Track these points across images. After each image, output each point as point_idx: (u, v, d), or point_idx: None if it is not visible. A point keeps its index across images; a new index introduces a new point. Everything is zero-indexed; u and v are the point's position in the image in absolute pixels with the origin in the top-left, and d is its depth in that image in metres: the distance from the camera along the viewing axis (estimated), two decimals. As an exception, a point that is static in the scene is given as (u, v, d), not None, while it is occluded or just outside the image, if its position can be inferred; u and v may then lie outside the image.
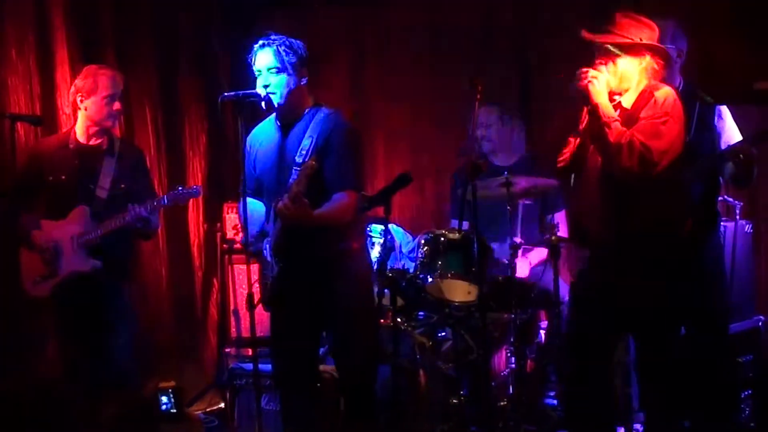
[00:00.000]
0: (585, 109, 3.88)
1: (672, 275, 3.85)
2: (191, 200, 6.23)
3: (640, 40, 3.79)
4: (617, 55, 3.79)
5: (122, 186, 4.73)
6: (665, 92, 3.79)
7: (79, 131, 4.78)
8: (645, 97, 3.81)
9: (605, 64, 3.82)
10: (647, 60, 3.81)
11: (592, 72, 3.79)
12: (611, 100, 3.83)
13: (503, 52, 6.34)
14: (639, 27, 3.81)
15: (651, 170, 3.71)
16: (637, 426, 4.66)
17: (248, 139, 4.18)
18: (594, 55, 3.85)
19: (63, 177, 4.71)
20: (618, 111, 3.83)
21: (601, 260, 4.01)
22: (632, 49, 3.80)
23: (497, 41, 6.34)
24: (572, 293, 4.26)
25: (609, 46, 3.79)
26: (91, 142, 4.77)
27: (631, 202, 3.81)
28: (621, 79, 3.84)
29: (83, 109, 4.73)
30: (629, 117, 3.80)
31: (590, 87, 3.78)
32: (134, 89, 6.00)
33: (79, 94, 4.72)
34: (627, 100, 3.87)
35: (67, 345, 4.81)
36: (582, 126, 3.94)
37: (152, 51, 6.16)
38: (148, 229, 4.74)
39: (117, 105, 4.73)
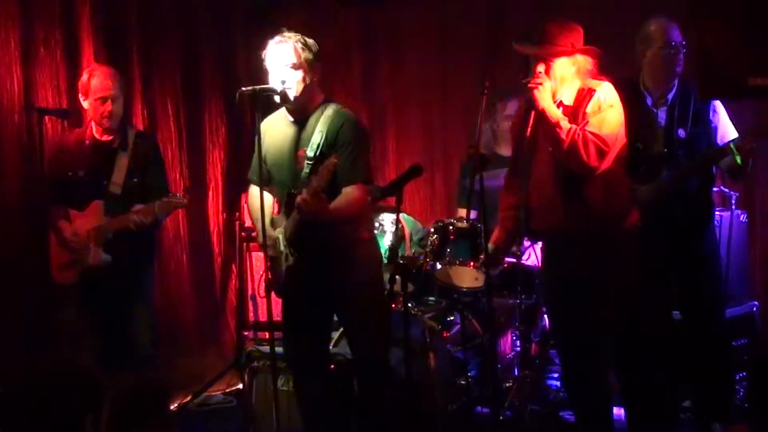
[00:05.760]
0: (530, 116, 4.06)
1: (612, 261, 4.02)
2: (210, 189, 6.40)
3: (572, 45, 3.94)
4: (551, 61, 3.95)
5: (135, 180, 4.77)
6: (605, 86, 3.98)
7: (94, 128, 4.84)
8: (586, 93, 3.98)
9: (544, 71, 3.94)
10: (580, 60, 3.97)
11: (537, 80, 3.92)
12: (553, 101, 3.97)
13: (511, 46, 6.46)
14: (567, 32, 3.96)
15: (605, 160, 3.90)
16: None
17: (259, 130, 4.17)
18: (529, 64, 3.99)
19: (81, 173, 4.79)
20: (561, 108, 3.99)
21: (553, 252, 4.25)
22: (565, 54, 3.96)
23: (506, 35, 6.46)
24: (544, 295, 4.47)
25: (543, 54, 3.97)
26: (104, 138, 4.82)
27: (581, 195, 3.98)
28: (560, 82, 3.98)
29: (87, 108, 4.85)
30: (572, 112, 3.97)
31: (536, 94, 3.90)
32: (157, 84, 6.09)
33: (80, 93, 4.82)
34: (567, 98, 4.02)
35: (91, 329, 4.89)
36: (528, 131, 4.10)
37: (175, 46, 6.22)
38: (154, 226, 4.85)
39: (109, 106, 4.72)
